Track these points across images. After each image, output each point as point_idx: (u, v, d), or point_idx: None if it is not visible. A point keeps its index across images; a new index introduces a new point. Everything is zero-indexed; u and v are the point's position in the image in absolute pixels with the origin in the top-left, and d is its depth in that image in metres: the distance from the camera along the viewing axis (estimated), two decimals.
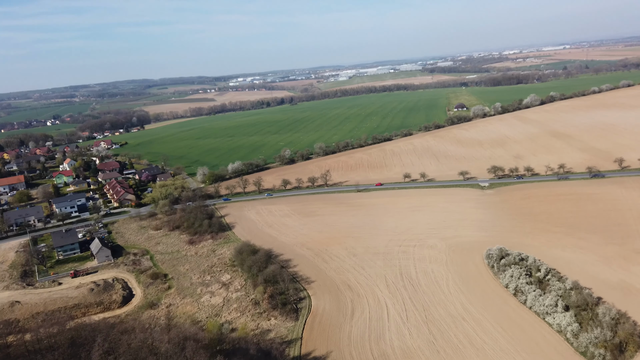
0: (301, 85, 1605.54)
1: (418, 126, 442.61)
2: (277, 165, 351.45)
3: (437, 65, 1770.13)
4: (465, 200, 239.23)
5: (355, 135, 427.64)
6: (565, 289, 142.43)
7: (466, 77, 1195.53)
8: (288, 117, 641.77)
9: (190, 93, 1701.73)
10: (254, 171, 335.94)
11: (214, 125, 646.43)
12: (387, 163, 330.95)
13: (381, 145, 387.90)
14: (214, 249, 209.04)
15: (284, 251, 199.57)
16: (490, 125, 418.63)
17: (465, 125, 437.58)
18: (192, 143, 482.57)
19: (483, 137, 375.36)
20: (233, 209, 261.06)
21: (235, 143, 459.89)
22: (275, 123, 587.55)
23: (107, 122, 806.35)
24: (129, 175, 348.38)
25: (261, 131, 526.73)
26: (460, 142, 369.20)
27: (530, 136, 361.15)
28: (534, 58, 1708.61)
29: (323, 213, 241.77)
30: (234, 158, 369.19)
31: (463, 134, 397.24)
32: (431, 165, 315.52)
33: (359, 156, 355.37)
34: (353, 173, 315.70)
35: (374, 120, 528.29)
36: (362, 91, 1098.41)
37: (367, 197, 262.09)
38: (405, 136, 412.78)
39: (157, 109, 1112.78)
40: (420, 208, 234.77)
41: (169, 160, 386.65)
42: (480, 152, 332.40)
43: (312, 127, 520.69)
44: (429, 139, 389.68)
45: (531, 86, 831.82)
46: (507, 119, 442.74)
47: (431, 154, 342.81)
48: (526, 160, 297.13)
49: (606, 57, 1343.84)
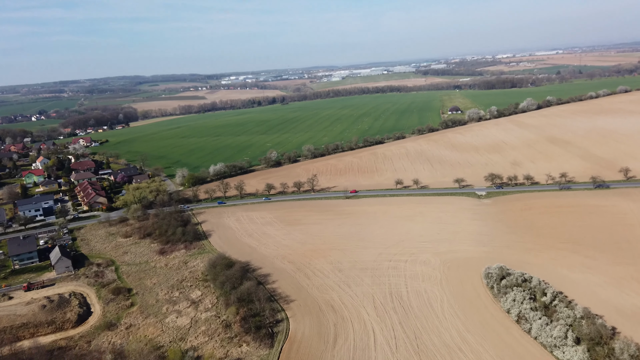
0: (294, 84, 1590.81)
1: (411, 129, 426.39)
2: (262, 168, 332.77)
3: (431, 68, 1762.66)
4: (461, 210, 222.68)
5: (346, 138, 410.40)
6: (575, 317, 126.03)
7: (459, 79, 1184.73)
8: (278, 116, 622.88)
9: (181, 90, 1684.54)
10: (237, 174, 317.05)
11: (202, 123, 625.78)
12: (379, 168, 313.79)
13: (373, 148, 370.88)
14: (186, 261, 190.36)
15: (262, 264, 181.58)
16: (485, 130, 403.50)
17: (460, 129, 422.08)
18: (175, 142, 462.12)
19: (479, 142, 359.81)
20: (211, 215, 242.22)
21: (221, 143, 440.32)
22: (264, 123, 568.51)
23: (91, 118, 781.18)
24: (104, 176, 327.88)
25: (249, 131, 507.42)
26: (455, 146, 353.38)
27: (527, 142, 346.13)
28: (527, 62, 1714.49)
29: (308, 221, 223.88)
30: (218, 159, 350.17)
31: (458, 138, 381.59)
32: (425, 170, 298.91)
33: (349, 160, 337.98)
34: (342, 178, 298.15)
35: (366, 122, 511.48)
36: (354, 92, 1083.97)
37: (356, 205, 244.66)
38: (398, 139, 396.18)
39: (145, 106, 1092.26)
40: (412, 218, 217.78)
41: (149, 160, 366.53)
42: (476, 158, 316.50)
43: (301, 128, 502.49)
44: (423, 143, 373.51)
45: (525, 90, 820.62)
46: (503, 123, 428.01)
47: (425, 158, 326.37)
48: (524, 168, 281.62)
49: (599, 63, 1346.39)
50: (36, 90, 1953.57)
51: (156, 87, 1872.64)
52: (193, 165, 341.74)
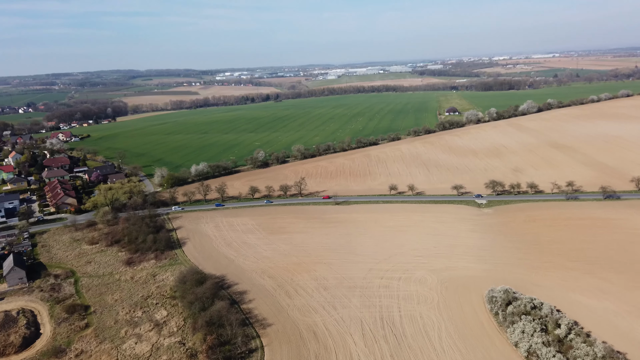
0: (289, 82, 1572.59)
1: (407, 130, 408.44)
2: (248, 169, 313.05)
3: (427, 68, 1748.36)
4: (459, 221, 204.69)
5: (339, 138, 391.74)
6: (595, 355, 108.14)
7: (456, 80, 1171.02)
8: (269, 114, 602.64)
9: (175, 85, 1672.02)
10: (221, 174, 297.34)
11: (190, 119, 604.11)
12: (372, 171, 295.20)
13: (366, 150, 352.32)
14: (154, 273, 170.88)
15: (240, 279, 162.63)
16: (484, 133, 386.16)
17: (457, 131, 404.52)
18: (160, 139, 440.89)
19: (477, 146, 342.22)
20: (188, 221, 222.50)
21: (207, 141, 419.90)
22: (255, 120, 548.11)
23: (78, 112, 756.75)
24: (78, 174, 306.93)
25: (238, 128, 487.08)
26: (453, 150, 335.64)
27: (528, 146, 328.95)
28: (524, 65, 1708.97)
29: (293, 230, 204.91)
30: (202, 158, 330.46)
31: (455, 141, 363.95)
32: (420, 175, 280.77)
33: (340, 162, 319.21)
34: (332, 182, 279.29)
35: (360, 122, 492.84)
36: (350, 91, 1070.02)
37: (346, 212, 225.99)
38: (393, 141, 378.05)
39: (137, 100, 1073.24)
40: (407, 228, 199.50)
41: (129, 157, 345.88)
42: (475, 163, 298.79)
43: (293, 127, 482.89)
44: (419, 146, 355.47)
45: (523, 92, 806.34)
46: (502, 126, 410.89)
47: (420, 162, 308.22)
48: (527, 174, 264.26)
49: (596, 67, 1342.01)
50: (27, 82, 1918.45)
51: (150, 81, 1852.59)
52: (175, 164, 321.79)
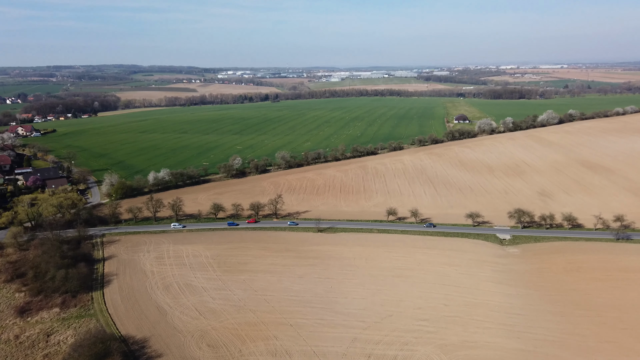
0: (291, 82, 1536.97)
1: (410, 139, 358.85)
2: (220, 178, 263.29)
3: (433, 74, 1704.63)
4: (478, 264, 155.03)
5: (332, 144, 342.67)
6: None
7: (463, 87, 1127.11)
8: (261, 114, 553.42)
9: (174, 82, 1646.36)
10: (185, 184, 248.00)
11: (175, 117, 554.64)
12: (367, 187, 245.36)
13: (362, 160, 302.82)
14: (51, 331, 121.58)
15: (166, 348, 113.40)
16: (500, 145, 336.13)
17: (468, 142, 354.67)
18: (130, 137, 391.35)
19: (493, 161, 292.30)
20: (125, 247, 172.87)
21: (183, 142, 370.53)
22: (243, 120, 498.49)
23: (59, 104, 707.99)
24: (19, 177, 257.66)
25: (222, 129, 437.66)
26: (464, 164, 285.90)
27: (554, 164, 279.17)
28: (533, 74, 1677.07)
29: (256, 267, 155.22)
30: (171, 162, 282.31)
31: (467, 153, 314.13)
32: (426, 195, 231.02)
33: (331, 174, 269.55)
34: (318, 199, 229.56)
35: (358, 127, 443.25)
36: (352, 93, 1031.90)
37: (331, 242, 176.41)
38: (394, 150, 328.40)
39: (131, 95, 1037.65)
40: (407, 273, 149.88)
41: (86, 158, 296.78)
42: (492, 182, 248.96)
43: (283, 129, 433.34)
44: (424, 157, 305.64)
45: (536, 102, 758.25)
46: (521, 138, 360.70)
47: (426, 178, 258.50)
48: (557, 201, 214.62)
49: (607, 79, 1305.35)
50: (27, 73, 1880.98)
51: (150, 77, 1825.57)
52: (136, 169, 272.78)
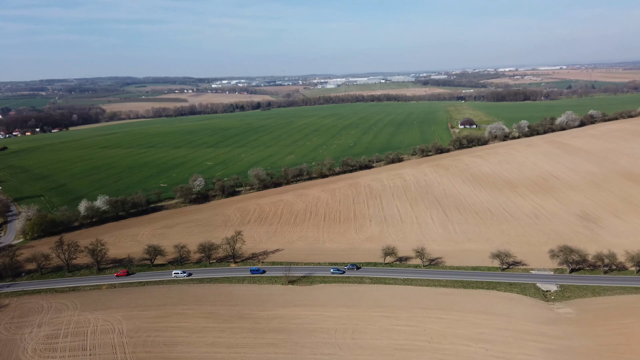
0: (286, 90, 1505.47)
1: (411, 148, 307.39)
2: (175, 205, 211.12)
3: (431, 78, 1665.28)
4: (517, 338, 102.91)
5: (320, 157, 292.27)
6: None
7: (462, 91, 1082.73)
8: (244, 124, 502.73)
9: (166, 92, 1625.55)
10: (129, 215, 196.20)
11: (148, 129, 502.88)
12: (358, 213, 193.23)
13: (354, 176, 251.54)
14: None
15: None
16: (518, 154, 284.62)
17: (479, 150, 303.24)
18: (87, 154, 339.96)
19: (514, 174, 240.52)
20: (8, 319, 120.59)
21: (147, 157, 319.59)
22: (223, 131, 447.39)
23: (31, 118, 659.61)
24: None
25: (196, 141, 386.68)
26: (478, 179, 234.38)
27: (589, 177, 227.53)
28: (533, 76, 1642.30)
29: (188, 354, 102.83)
30: (123, 184, 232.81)
31: (480, 165, 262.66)
32: (434, 223, 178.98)
33: (314, 195, 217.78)
34: (296, 231, 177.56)
35: (351, 136, 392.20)
36: (348, 99, 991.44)
37: (304, 303, 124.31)
38: (392, 163, 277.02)
39: (118, 107, 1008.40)
40: (413, 356, 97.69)
41: (22, 181, 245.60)
42: (517, 203, 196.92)
43: (265, 140, 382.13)
44: (428, 171, 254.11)
45: (542, 103, 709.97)
46: (540, 144, 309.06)
47: (432, 198, 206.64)
48: (607, 228, 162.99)
49: (609, 79, 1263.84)
50: (19, 87, 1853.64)
51: (143, 88, 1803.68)
52: (77, 194, 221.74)
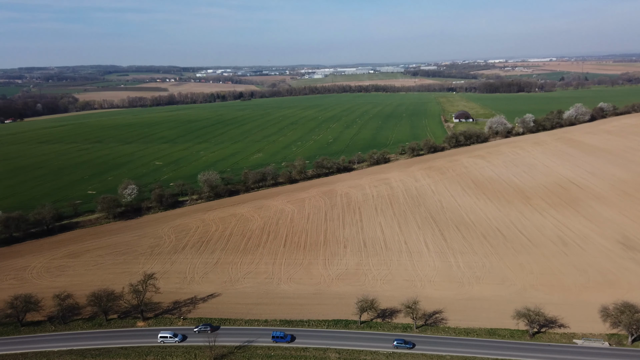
0: (272, 80, 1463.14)
1: (399, 146, 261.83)
2: (95, 221, 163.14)
3: (420, 69, 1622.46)
4: None
5: (293, 155, 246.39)
6: None
7: (453, 82, 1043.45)
8: (216, 115, 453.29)
9: (147, 81, 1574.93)
10: (27, 236, 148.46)
11: (103, 122, 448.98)
12: (331, 235, 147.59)
13: (329, 182, 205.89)
14: None
15: None
16: (525, 154, 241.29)
17: (480, 149, 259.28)
18: (18, 150, 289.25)
19: (525, 180, 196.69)
20: None
21: (87, 155, 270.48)
22: (189, 123, 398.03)
23: None
24: None
25: (153, 135, 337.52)
26: (482, 186, 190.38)
27: (619, 184, 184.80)
28: (523, 67, 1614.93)
29: None
30: (42, 190, 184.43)
31: (482, 168, 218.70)
32: (429, 253, 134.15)
33: (277, 208, 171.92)
34: (243, 263, 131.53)
35: (332, 130, 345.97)
36: (334, 90, 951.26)
37: None
38: (377, 164, 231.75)
39: (93, 96, 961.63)
40: None
41: None
42: (534, 221, 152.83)
43: (233, 135, 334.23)
44: (420, 176, 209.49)
45: (538, 95, 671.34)
46: (549, 142, 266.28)
47: (426, 213, 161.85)
48: None
49: (601, 71, 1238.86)
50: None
51: (125, 77, 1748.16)
52: None
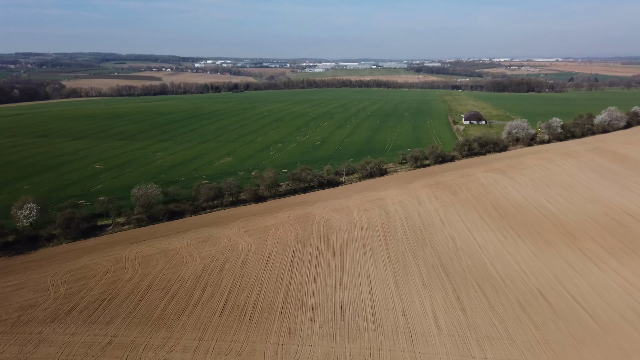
0: (272, 72, 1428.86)
1: (400, 153, 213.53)
2: None
3: (424, 65, 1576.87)
4: None
5: (268, 161, 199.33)
6: None
7: (458, 80, 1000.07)
8: (194, 108, 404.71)
9: (143, 70, 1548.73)
10: None
11: (62, 112, 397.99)
12: (294, 293, 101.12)
13: (306, 200, 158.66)
14: None
15: None
16: (557, 169, 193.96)
17: (498, 160, 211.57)
18: None
19: (563, 207, 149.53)
20: None
21: (18, 153, 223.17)
22: (158, 117, 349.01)
23: None
24: None
25: (111, 130, 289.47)
26: (507, 215, 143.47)
27: None
28: (530, 67, 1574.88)
29: None
30: None
31: (504, 187, 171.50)
32: (441, 331, 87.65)
33: (228, 240, 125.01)
34: (153, 343, 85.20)
35: (321, 130, 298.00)
36: (333, 84, 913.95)
37: None
38: (371, 177, 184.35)
39: (82, 83, 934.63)
40: None
41: None
42: (591, 279, 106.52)
43: (204, 132, 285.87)
44: (425, 196, 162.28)
45: (550, 96, 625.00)
46: (583, 154, 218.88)
47: (434, 260, 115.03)
48: None
49: (610, 73, 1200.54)
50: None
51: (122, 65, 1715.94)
52: None
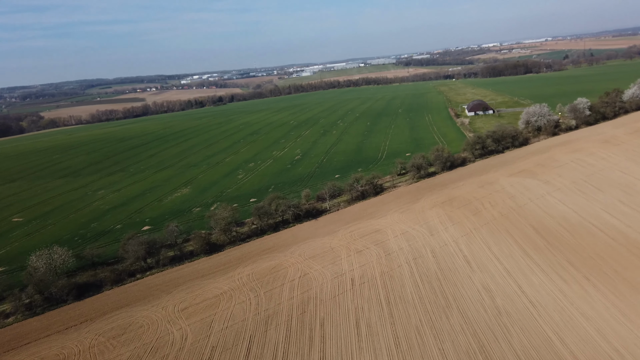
0: (259, 81, 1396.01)
1: (397, 161, 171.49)
2: None
3: (413, 58, 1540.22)
4: None
5: (233, 188, 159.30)
6: None
7: (449, 69, 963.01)
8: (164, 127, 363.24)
9: (127, 92, 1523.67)
10: None
11: (24, 147, 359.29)
12: None
13: (277, 243, 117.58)
14: None
15: None
16: (600, 163, 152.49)
17: (522, 158, 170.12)
18: None
19: (630, 219, 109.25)
20: None
21: None
22: (119, 143, 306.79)
23: None
24: None
25: (58, 165, 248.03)
26: (560, 242, 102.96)
27: None
28: (520, 49, 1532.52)
29: None
30: None
31: (541, 195, 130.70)
32: None
33: (155, 326, 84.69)
34: None
35: (303, 140, 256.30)
36: (321, 86, 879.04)
37: None
38: (363, 199, 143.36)
39: (62, 112, 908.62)
40: None
41: None
42: None
43: (165, 157, 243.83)
44: (437, 219, 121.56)
45: (550, 75, 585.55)
46: (627, 140, 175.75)
47: (470, 337, 75.20)
48: None
49: (605, 46, 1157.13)
50: None
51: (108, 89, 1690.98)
52: None
